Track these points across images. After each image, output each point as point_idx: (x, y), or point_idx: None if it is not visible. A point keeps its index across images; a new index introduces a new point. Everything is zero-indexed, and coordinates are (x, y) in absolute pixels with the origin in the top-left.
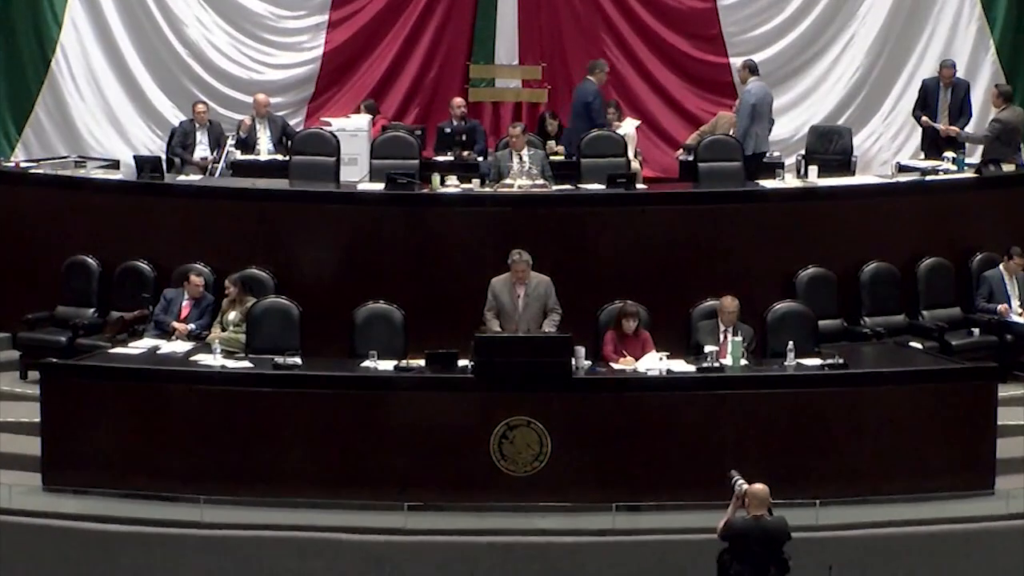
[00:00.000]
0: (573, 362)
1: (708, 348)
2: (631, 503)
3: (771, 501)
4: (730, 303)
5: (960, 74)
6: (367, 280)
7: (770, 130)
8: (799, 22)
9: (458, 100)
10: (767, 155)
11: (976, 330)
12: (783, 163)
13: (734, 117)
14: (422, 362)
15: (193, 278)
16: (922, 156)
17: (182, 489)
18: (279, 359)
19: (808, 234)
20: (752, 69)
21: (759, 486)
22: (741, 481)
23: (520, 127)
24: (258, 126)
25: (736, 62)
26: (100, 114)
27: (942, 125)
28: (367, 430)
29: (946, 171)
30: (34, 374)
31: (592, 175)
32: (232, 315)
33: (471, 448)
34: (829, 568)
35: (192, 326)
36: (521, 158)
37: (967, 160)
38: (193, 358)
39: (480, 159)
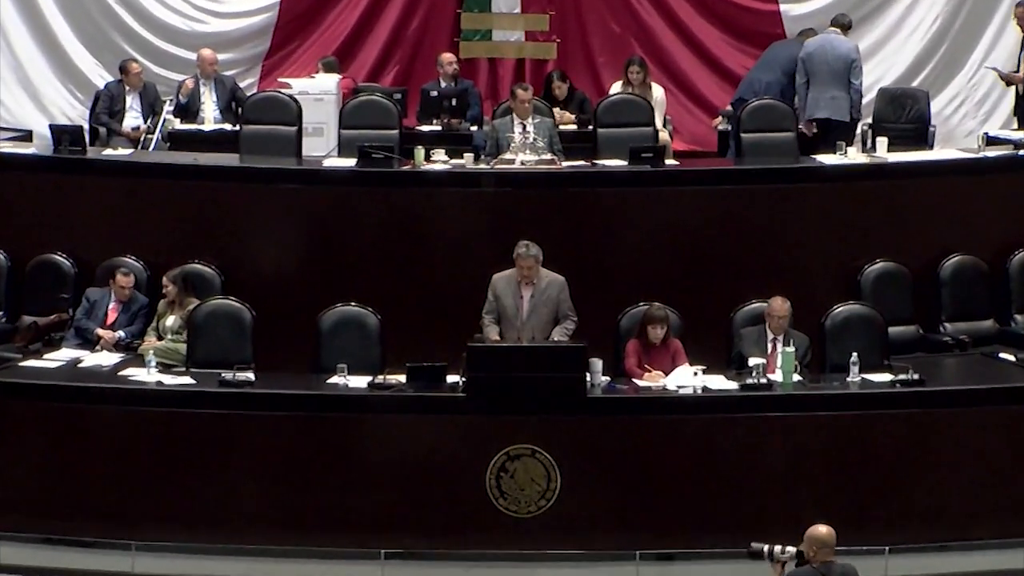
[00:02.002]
0: (588, 378)
1: (753, 361)
2: (659, 551)
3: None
4: (780, 306)
5: None
6: (335, 278)
7: (851, 94)
8: None
9: (447, 56)
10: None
11: None
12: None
13: None
14: (402, 378)
15: (120, 276)
16: (1015, 125)
17: (110, 533)
18: (227, 374)
19: (876, 221)
20: (839, 24)
21: (823, 528)
22: (783, 548)
23: (527, 89)
24: (202, 88)
25: (788, 9)
26: (8, 74)
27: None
28: (335, 461)
29: None
30: None
31: (611, 148)
32: (170, 320)
33: (463, 483)
34: None
35: (121, 334)
36: (525, 127)
37: None
38: (122, 373)
39: (474, 129)
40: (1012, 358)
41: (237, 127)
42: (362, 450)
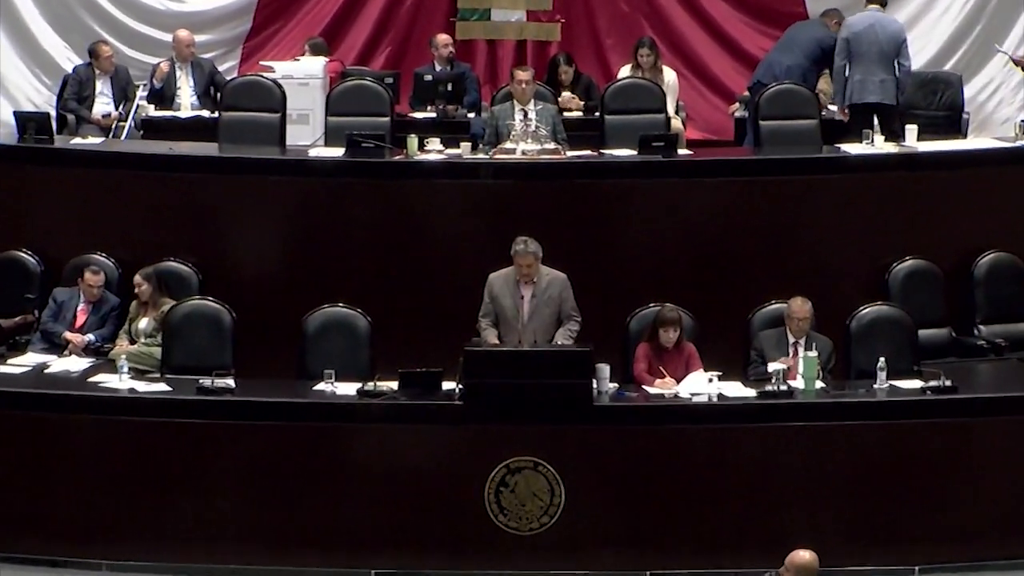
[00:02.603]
0: (594, 385)
1: (773, 366)
2: (670, 571)
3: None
4: (801, 307)
5: None
6: (322, 276)
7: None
8: None
9: (443, 38)
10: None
11: None
12: (872, 121)
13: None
14: (394, 385)
15: (89, 274)
16: None
17: (79, 552)
18: (205, 381)
19: (905, 215)
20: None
21: (807, 554)
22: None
23: (529, 72)
24: (178, 72)
25: None
26: None
27: None
28: (322, 475)
29: None
30: None
31: (620, 137)
32: (144, 323)
33: (459, 499)
34: None
35: (91, 337)
36: (526, 114)
37: None
38: (92, 379)
39: (471, 116)
40: None
41: (216, 114)
42: (351, 463)
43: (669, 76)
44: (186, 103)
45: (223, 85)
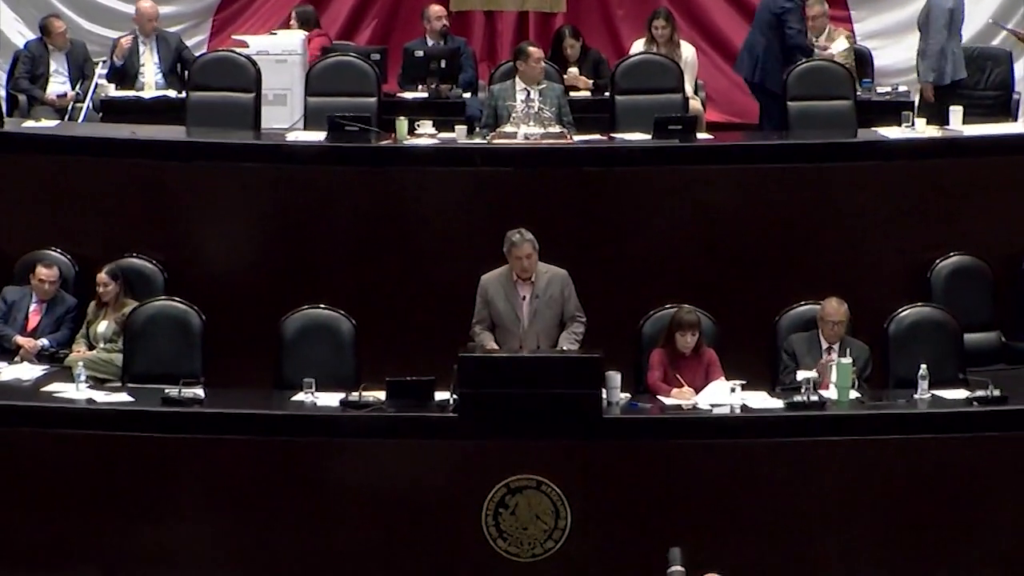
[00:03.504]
0: (604, 395)
1: (803, 374)
2: None
3: None
4: (835, 309)
5: None
6: (301, 275)
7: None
8: None
9: (435, 9)
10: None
11: None
12: (912, 102)
13: (845, 39)
14: (381, 395)
15: (42, 268)
16: None
17: None
18: (171, 390)
19: (950, 206)
20: None
21: None
22: (676, 569)
23: (536, 49)
24: (141, 48)
25: None
26: None
27: None
28: (301, 495)
29: None
30: None
31: (632, 119)
32: (103, 326)
33: (453, 521)
34: None
35: (44, 341)
36: (529, 94)
37: None
38: (46, 388)
39: (467, 96)
40: None
41: (183, 94)
42: (333, 481)
43: (687, 51)
44: (150, 82)
45: (191, 62)
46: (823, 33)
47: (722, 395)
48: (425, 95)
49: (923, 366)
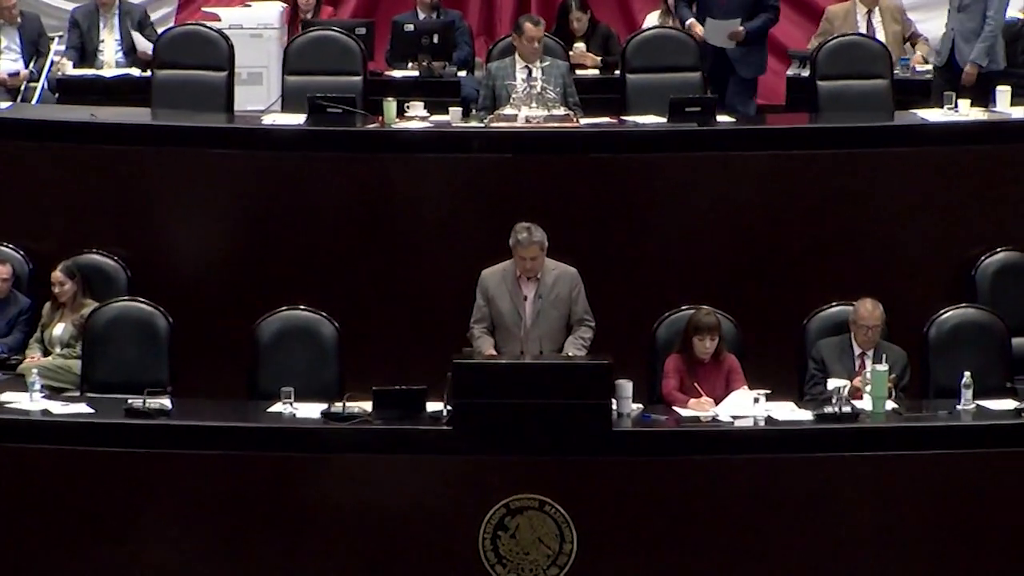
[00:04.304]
0: (614, 406)
1: (833, 383)
2: None
3: None
4: (870, 311)
5: None
6: (279, 273)
7: None
8: None
9: None
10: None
11: None
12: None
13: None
14: (368, 405)
15: None
16: None
17: None
18: (136, 401)
19: (996, 197)
20: None
21: None
22: None
23: (539, 24)
24: (101, 22)
25: None
26: None
27: None
28: (278, 516)
29: None
30: None
31: (645, 100)
32: (59, 329)
33: (447, 545)
34: None
35: None
36: (531, 72)
37: None
38: None
39: (462, 75)
40: None
41: (148, 73)
42: (314, 501)
43: None
44: (110, 59)
45: (156, 37)
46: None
47: (744, 406)
48: (416, 74)
49: (966, 374)
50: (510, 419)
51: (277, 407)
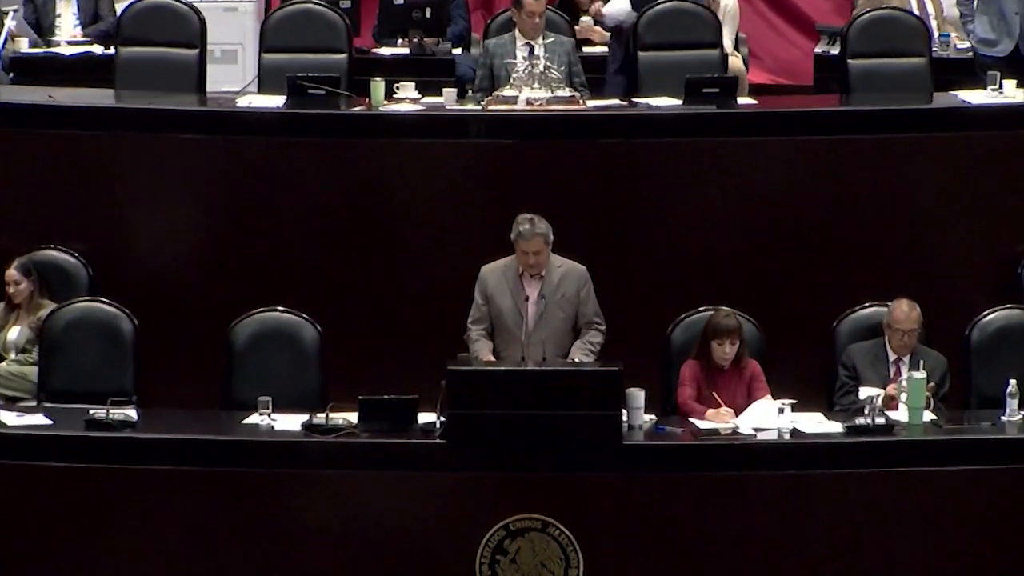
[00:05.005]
0: (625, 417)
1: (866, 392)
2: None
3: None
4: (906, 313)
5: None
6: (255, 270)
7: None
8: None
9: None
10: None
11: None
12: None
13: None
14: (353, 416)
15: None
16: None
17: None
18: (98, 411)
19: None
20: None
21: None
22: None
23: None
24: None
25: None
26: None
27: None
28: (255, 537)
29: None
30: None
31: (658, 80)
32: (15, 333)
33: (441, 570)
34: None
35: None
36: (532, 50)
37: None
38: None
39: (457, 52)
40: None
41: (110, 50)
42: (294, 522)
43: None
44: (69, 35)
45: (119, 12)
46: None
47: (768, 417)
48: (406, 51)
49: (1012, 382)
50: (510, 432)
51: (253, 418)
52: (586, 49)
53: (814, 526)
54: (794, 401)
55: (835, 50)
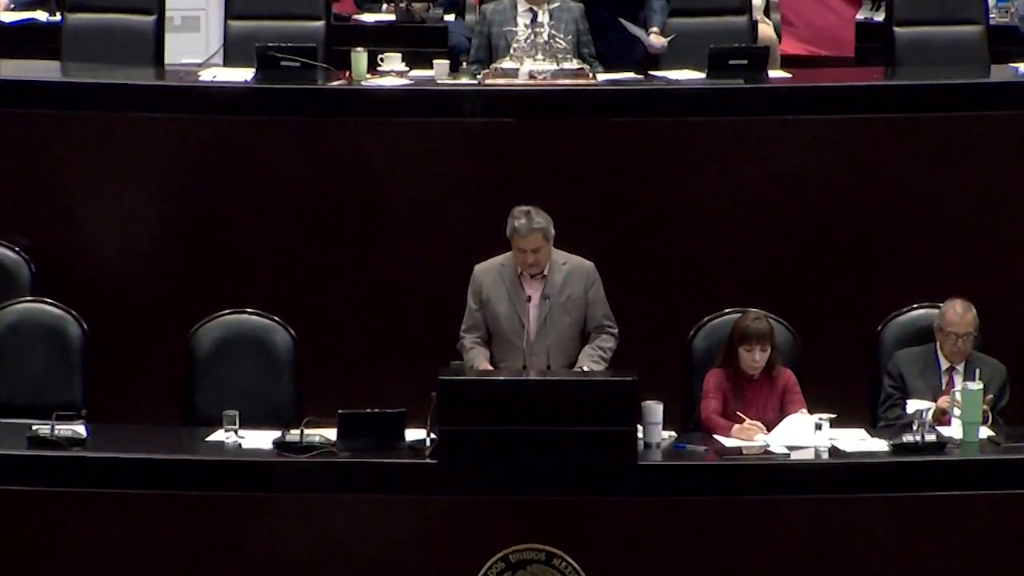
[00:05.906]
0: (640, 433)
1: (914, 404)
2: None
3: None
4: (960, 315)
5: None
6: (221, 267)
7: None
8: None
9: None
10: None
11: None
12: None
13: None
14: (332, 433)
15: None
16: None
17: None
18: (42, 427)
19: None
20: None
21: None
22: None
23: None
24: None
25: None
26: None
27: None
28: (220, 568)
29: None
30: None
31: (679, 52)
32: None
33: None
34: None
35: None
36: (535, 17)
37: None
38: None
39: (450, 20)
40: None
41: (57, 18)
42: (264, 551)
43: None
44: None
45: None
46: None
47: (803, 433)
48: (392, 18)
49: None
50: (510, 450)
51: (218, 435)
52: None
53: (855, 557)
54: (833, 415)
55: (879, 16)
